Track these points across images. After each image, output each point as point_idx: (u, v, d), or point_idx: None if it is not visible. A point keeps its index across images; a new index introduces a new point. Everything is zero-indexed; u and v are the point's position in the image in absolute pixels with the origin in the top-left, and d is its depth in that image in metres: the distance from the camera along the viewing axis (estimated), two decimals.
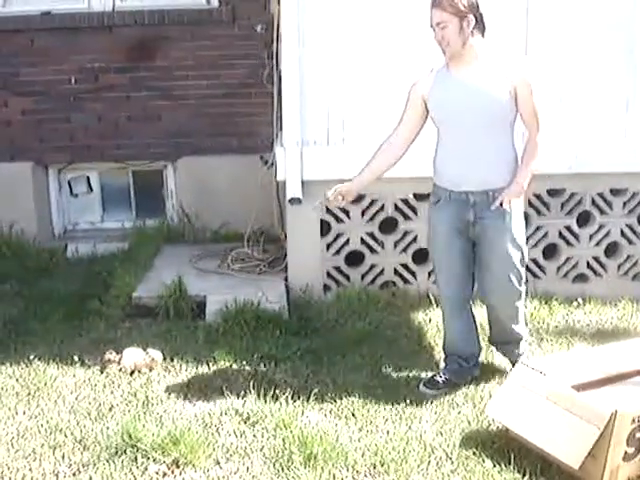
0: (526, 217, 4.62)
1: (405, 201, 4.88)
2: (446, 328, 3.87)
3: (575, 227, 4.97)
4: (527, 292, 3.96)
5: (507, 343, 3.89)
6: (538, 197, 4.87)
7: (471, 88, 3.42)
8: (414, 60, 4.56)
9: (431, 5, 3.39)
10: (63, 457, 3.14)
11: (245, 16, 6.04)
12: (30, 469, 3.05)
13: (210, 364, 4.01)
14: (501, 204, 3.44)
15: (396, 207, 4.90)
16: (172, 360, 4.05)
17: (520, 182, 3.46)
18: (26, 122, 6.18)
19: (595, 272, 5.04)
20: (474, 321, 3.86)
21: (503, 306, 3.72)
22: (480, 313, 3.95)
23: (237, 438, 3.28)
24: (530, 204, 4.83)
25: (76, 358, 4.03)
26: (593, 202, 4.94)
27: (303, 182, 4.71)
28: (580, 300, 4.87)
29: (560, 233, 4.95)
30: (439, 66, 3.54)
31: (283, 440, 3.20)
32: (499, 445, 3.17)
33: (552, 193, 4.90)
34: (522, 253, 3.60)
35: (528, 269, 4.90)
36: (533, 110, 3.45)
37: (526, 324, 3.98)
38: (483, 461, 3.08)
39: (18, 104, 6.15)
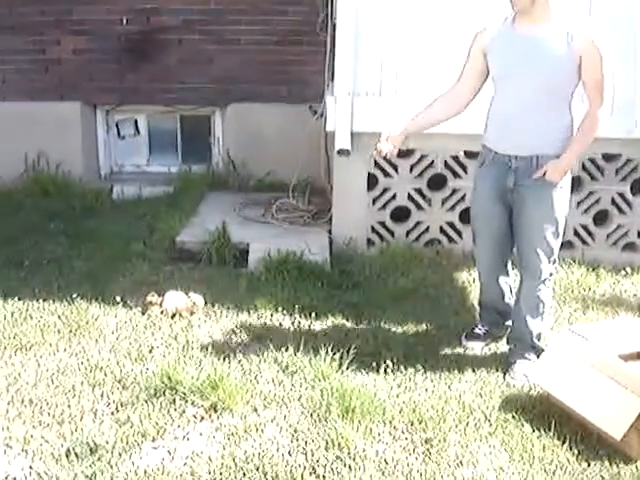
0: (579, 181, 4.55)
1: (455, 158, 4.79)
2: (482, 286, 3.80)
3: (629, 194, 4.83)
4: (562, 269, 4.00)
5: (517, 340, 3.58)
6: (592, 161, 4.73)
7: (534, 47, 3.19)
8: (471, 10, 4.47)
9: None
10: (102, 395, 3.18)
11: None
12: (69, 405, 3.10)
13: (251, 312, 4.01)
14: (544, 174, 3.25)
15: (446, 164, 4.80)
16: (213, 306, 4.05)
17: (570, 157, 3.26)
18: (77, 62, 6.17)
19: None
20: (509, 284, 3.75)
21: (526, 286, 3.47)
22: None
23: (275, 386, 3.28)
24: (583, 168, 4.71)
25: (118, 299, 4.05)
26: None
27: (352, 133, 4.63)
28: (628, 269, 4.75)
29: (613, 200, 4.82)
30: (502, 19, 3.35)
31: (321, 391, 3.19)
32: (539, 410, 3.13)
33: (607, 158, 4.75)
34: (557, 228, 3.36)
35: (577, 235, 4.83)
36: (597, 82, 3.19)
37: (539, 339, 3.56)
38: (522, 425, 3.04)
39: (70, 43, 6.14)
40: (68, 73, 6.20)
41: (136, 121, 6.58)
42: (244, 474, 2.69)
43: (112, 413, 3.05)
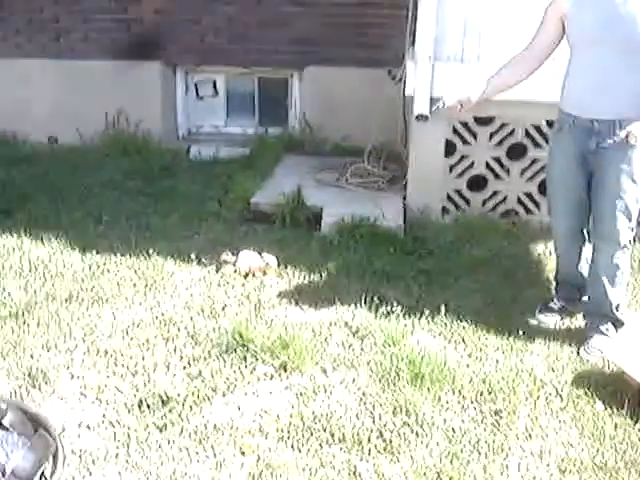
0: None
1: (537, 127, 4.67)
2: (560, 258, 3.73)
3: None
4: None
5: (596, 314, 3.50)
6: (627, 137, 4.53)
7: (614, 11, 3.14)
8: None
9: None
10: (175, 349, 3.24)
11: None
12: (143, 357, 3.17)
13: (323, 275, 4.02)
14: (627, 137, 3.19)
15: (527, 133, 4.69)
16: (286, 267, 4.08)
17: None
18: (158, 21, 6.21)
19: None
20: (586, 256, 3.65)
21: (604, 253, 3.38)
22: None
23: (345, 349, 3.29)
24: None
25: (193, 256, 4.11)
26: None
27: (432, 99, 4.54)
28: None
29: None
30: None
31: (391, 357, 3.19)
32: (613, 388, 3.05)
33: None
34: (637, 192, 3.27)
35: None
36: None
37: (618, 310, 3.47)
38: (594, 402, 2.99)
39: (151, 2, 6.17)
40: (149, 32, 6.24)
41: (215, 82, 6.61)
42: (311, 433, 2.71)
43: (184, 367, 3.11)
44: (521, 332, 3.51)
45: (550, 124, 4.60)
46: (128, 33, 6.31)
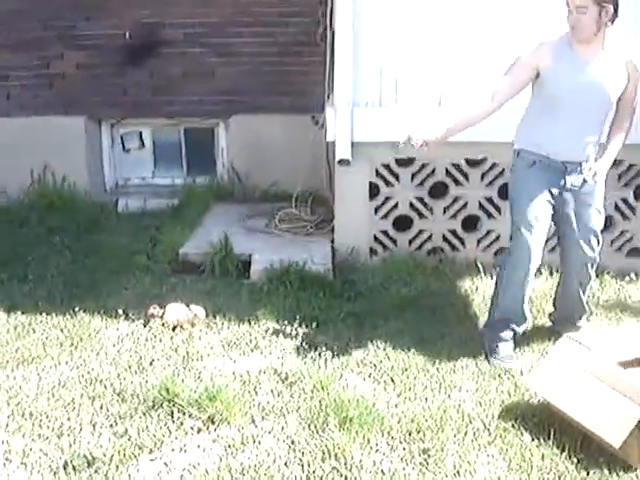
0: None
1: (457, 166, 4.78)
2: (509, 294, 3.73)
3: (632, 199, 4.81)
4: None
5: (571, 318, 3.93)
6: (594, 176, 4.69)
7: (596, 75, 3.44)
8: (471, 19, 4.49)
9: None
10: (101, 408, 3.19)
11: None
12: (68, 418, 3.11)
13: (252, 323, 4.01)
14: (593, 176, 3.53)
15: (447, 172, 4.80)
16: (215, 317, 4.06)
17: (610, 158, 3.60)
18: (81, 76, 6.21)
19: None
20: None
21: (582, 271, 3.77)
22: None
23: (274, 397, 3.28)
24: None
25: (121, 311, 4.07)
26: None
27: (353, 143, 4.63)
28: (633, 275, 4.72)
29: (616, 205, 4.79)
30: (555, 41, 3.49)
31: (320, 402, 3.19)
32: (539, 419, 3.11)
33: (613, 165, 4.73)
34: (603, 220, 3.74)
35: None
36: (635, 97, 3.57)
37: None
38: (522, 434, 3.03)
39: (73, 57, 6.18)
40: (72, 87, 6.24)
41: (141, 134, 6.61)
42: None
43: (110, 426, 3.06)
44: (450, 368, 3.56)
45: (469, 162, 4.74)
46: (51, 89, 6.29)
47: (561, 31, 3.49)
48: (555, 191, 3.61)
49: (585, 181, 3.57)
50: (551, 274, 4.45)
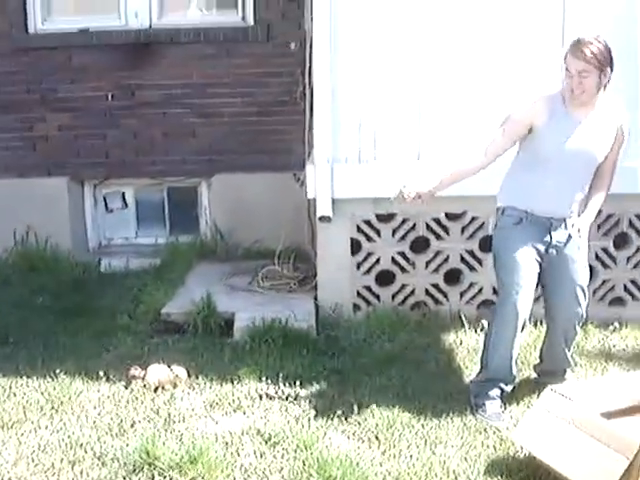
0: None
1: (437, 220, 4.81)
2: (498, 354, 3.71)
3: (612, 249, 4.85)
4: None
5: (556, 371, 3.92)
6: (579, 231, 4.75)
7: (587, 136, 3.51)
8: (449, 75, 4.57)
9: (573, 53, 3.39)
10: (81, 473, 3.13)
11: (280, 34, 6.06)
12: None
13: (235, 382, 3.97)
14: (578, 231, 3.57)
15: (428, 226, 4.83)
16: (197, 377, 4.02)
17: (593, 213, 3.66)
18: (63, 138, 6.27)
19: (633, 296, 4.91)
20: None
21: (569, 327, 3.79)
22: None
23: (257, 459, 3.23)
24: None
25: (102, 373, 4.02)
26: (630, 224, 4.82)
27: (333, 200, 4.66)
28: (617, 324, 4.73)
29: (597, 255, 4.83)
30: (550, 98, 3.53)
31: (303, 462, 3.15)
32: (525, 473, 3.08)
33: None
34: (588, 275, 3.78)
35: None
36: (618, 158, 3.67)
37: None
38: None
39: (55, 120, 6.24)
40: (55, 149, 6.29)
41: (123, 194, 6.63)
42: None
43: None
44: (434, 424, 3.53)
45: (449, 216, 4.78)
46: (34, 151, 6.33)
47: (551, 88, 3.56)
48: (541, 247, 3.62)
49: (570, 237, 3.60)
50: (535, 326, 4.43)
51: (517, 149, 3.65)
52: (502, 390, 3.73)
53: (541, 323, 4.24)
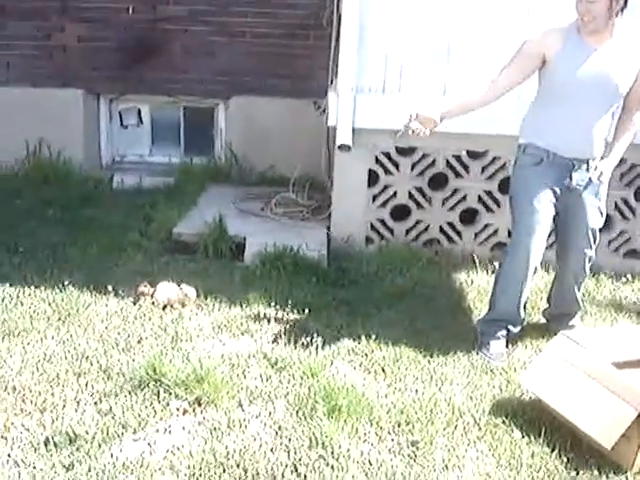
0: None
1: (457, 158, 4.72)
2: (506, 295, 3.67)
3: (632, 200, 4.76)
4: None
5: (565, 315, 3.90)
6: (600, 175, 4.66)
7: (607, 66, 3.35)
8: (479, 8, 4.42)
9: None
10: (86, 385, 3.14)
11: None
12: (52, 394, 3.06)
13: (243, 306, 3.96)
14: (599, 176, 3.49)
15: (448, 163, 4.74)
16: (206, 298, 4.01)
17: (617, 157, 3.56)
18: (81, 49, 6.13)
19: None
20: None
21: (579, 268, 3.75)
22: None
23: (263, 382, 3.23)
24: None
25: (110, 288, 4.00)
26: None
27: (354, 129, 4.56)
28: (629, 276, 4.68)
29: (616, 205, 4.75)
30: (564, 28, 3.38)
31: (309, 389, 3.15)
32: (530, 416, 3.07)
33: None
34: (603, 220, 3.71)
35: None
36: None
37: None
38: (512, 431, 2.99)
39: (74, 30, 6.09)
40: (72, 60, 6.15)
41: (139, 111, 6.53)
42: (224, 470, 2.64)
43: (95, 403, 3.01)
44: (442, 361, 3.52)
45: (470, 154, 4.69)
46: (51, 60, 6.21)
47: (569, 19, 3.40)
48: (559, 190, 3.53)
49: (590, 180, 3.51)
50: (547, 271, 4.39)
51: (537, 85, 3.53)
52: (509, 331, 3.71)
53: (552, 269, 4.19)
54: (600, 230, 3.70)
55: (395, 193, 4.80)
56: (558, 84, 3.42)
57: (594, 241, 3.67)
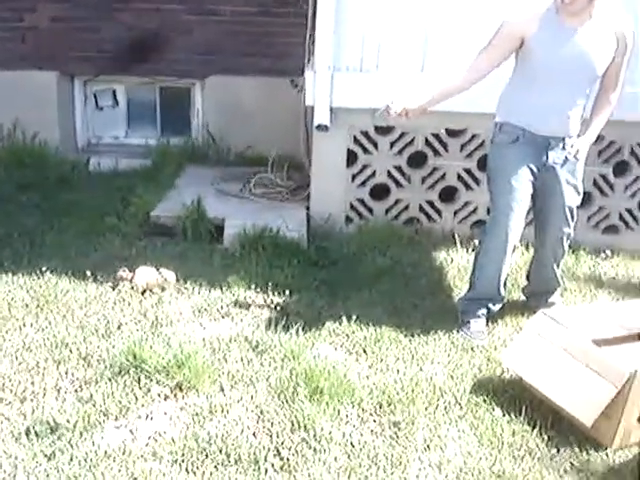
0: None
1: (436, 136, 4.71)
2: (485, 273, 3.68)
3: (611, 176, 4.78)
4: None
5: (545, 292, 3.92)
6: (577, 153, 4.66)
7: (584, 46, 3.35)
8: None
9: None
10: (66, 372, 3.11)
11: None
12: (32, 382, 3.03)
13: (223, 289, 3.94)
14: (575, 154, 3.53)
15: (427, 141, 4.72)
16: (185, 282, 3.98)
17: (594, 135, 3.60)
18: (54, 29, 6.02)
19: (627, 224, 4.89)
20: None
21: (557, 246, 3.76)
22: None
23: (244, 366, 3.22)
24: None
25: (89, 273, 3.97)
26: (632, 152, 4.74)
27: (332, 109, 4.54)
28: (608, 252, 4.72)
29: (595, 181, 4.77)
30: (543, 9, 3.35)
31: (290, 371, 3.14)
32: (511, 395, 3.09)
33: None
34: (580, 197, 3.71)
35: None
36: (621, 71, 3.49)
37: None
38: (493, 409, 3.00)
39: (47, 10, 5.99)
40: (45, 42, 6.05)
41: (114, 92, 6.45)
42: (207, 455, 2.63)
43: (75, 391, 2.98)
44: (422, 340, 3.53)
45: (449, 133, 4.67)
46: (24, 43, 6.11)
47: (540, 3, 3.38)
48: (535, 168, 3.53)
49: (567, 158, 3.52)
50: (527, 248, 4.41)
51: (514, 65, 3.51)
52: (489, 309, 3.73)
53: (532, 245, 4.21)
54: (578, 207, 3.69)
55: (374, 172, 4.79)
56: (536, 64, 3.40)
57: (572, 219, 3.67)
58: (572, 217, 3.67)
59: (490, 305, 3.72)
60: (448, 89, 3.53)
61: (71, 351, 3.26)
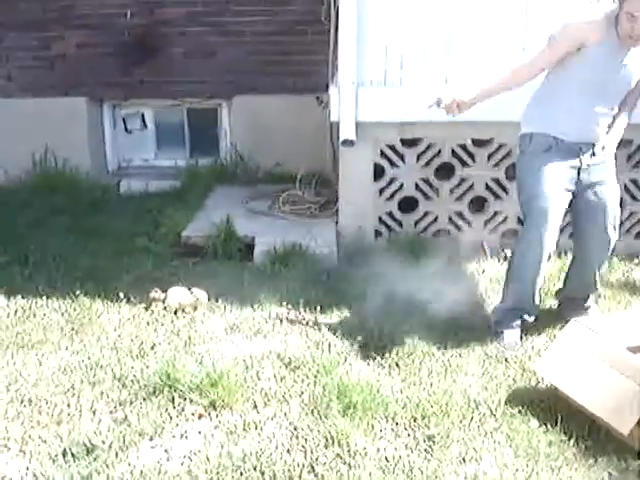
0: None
1: (463, 146, 4.70)
2: (520, 284, 3.64)
3: None
4: None
5: (581, 298, 3.85)
6: (603, 149, 4.62)
7: (630, 65, 3.37)
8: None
9: None
10: (102, 394, 3.14)
11: None
12: (68, 405, 3.06)
13: (255, 306, 3.96)
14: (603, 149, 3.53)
15: (453, 152, 4.71)
16: (217, 300, 4.01)
17: (619, 132, 3.55)
18: (81, 56, 6.16)
19: None
20: None
21: (601, 252, 3.69)
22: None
23: (277, 383, 3.23)
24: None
25: (122, 295, 4.01)
26: None
27: (357, 123, 4.55)
28: None
29: (625, 187, 4.71)
30: (604, 21, 3.31)
31: (323, 387, 3.14)
32: (546, 405, 3.05)
33: (619, 145, 4.64)
34: (619, 193, 3.65)
35: None
36: None
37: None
38: (529, 420, 2.97)
39: (73, 38, 6.13)
40: (73, 68, 6.17)
41: (143, 115, 6.56)
42: (241, 474, 2.64)
43: (110, 412, 3.01)
44: (456, 353, 3.50)
45: (476, 142, 4.66)
46: (52, 70, 6.23)
47: (601, 12, 3.34)
48: (572, 174, 3.50)
49: (595, 154, 3.49)
50: (559, 256, 4.36)
51: (547, 75, 3.49)
52: (523, 320, 3.69)
53: (565, 254, 4.17)
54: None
55: (402, 185, 4.79)
56: (585, 77, 3.38)
57: (618, 217, 3.61)
58: (617, 215, 3.61)
59: (525, 316, 3.68)
60: (503, 83, 3.50)
61: (106, 372, 3.29)
